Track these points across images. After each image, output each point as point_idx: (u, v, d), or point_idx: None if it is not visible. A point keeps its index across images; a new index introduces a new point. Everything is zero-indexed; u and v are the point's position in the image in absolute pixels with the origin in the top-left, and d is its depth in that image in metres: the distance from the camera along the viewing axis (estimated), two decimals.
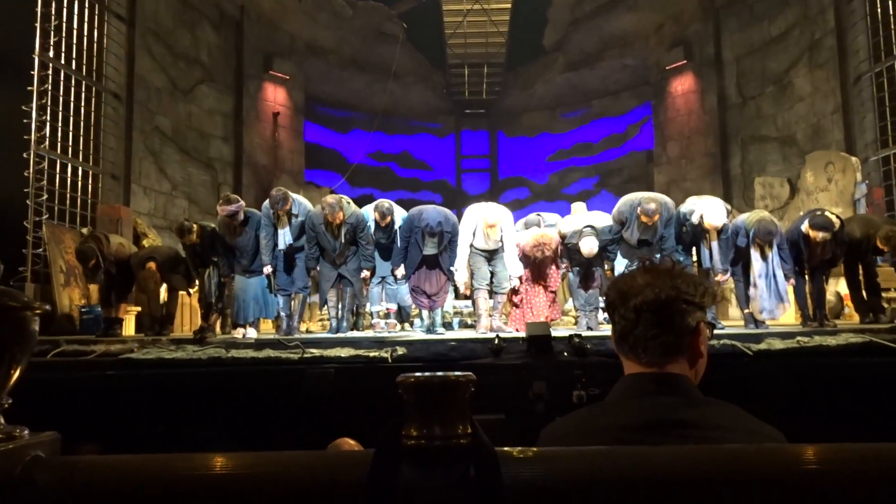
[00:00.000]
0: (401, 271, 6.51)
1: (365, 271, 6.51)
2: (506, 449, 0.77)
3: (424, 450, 0.73)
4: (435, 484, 0.72)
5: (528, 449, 0.79)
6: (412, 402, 0.75)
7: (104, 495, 0.79)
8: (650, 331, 1.31)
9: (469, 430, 0.74)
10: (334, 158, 16.49)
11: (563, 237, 6.60)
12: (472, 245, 6.51)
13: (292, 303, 6.73)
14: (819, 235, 6.08)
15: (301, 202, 6.65)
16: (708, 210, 6.17)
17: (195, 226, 7.07)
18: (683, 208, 6.44)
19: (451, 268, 6.48)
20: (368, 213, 6.75)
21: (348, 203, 6.50)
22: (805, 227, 6.19)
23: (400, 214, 6.78)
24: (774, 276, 6.07)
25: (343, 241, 6.37)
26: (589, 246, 6.30)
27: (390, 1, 15.35)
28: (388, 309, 6.91)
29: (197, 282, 7.30)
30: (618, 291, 1.37)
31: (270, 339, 5.56)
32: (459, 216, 6.75)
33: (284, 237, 6.48)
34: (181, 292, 7.78)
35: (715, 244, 6.20)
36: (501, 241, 6.50)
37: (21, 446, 0.80)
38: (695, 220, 6.24)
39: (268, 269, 6.49)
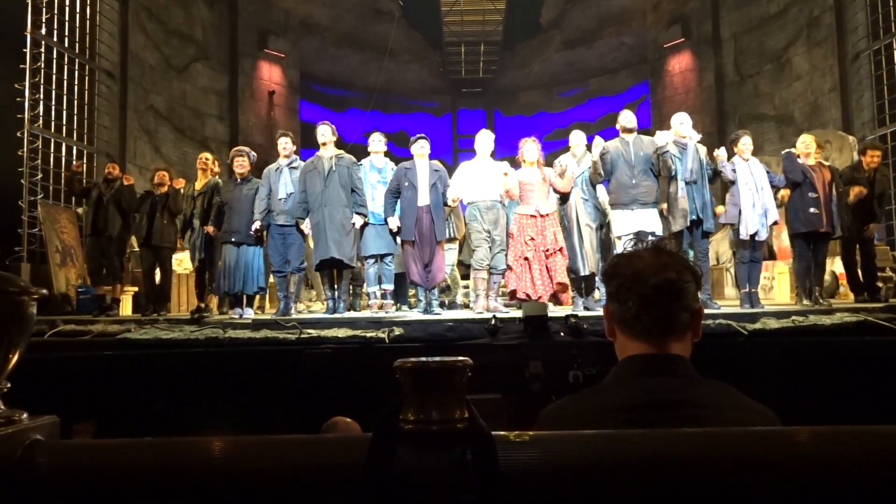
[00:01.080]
0: (394, 222, 6.32)
1: (358, 218, 6.34)
2: (502, 433, 0.78)
3: (421, 434, 0.74)
4: (432, 467, 0.73)
5: (525, 433, 0.80)
6: (409, 386, 0.75)
7: (103, 478, 0.79)
8: (665, 310, 1.30)
9: (466, 415, 0.75)
10: None
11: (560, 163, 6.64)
12: (472, 203, 6.42)
13: (289, 284, 6.71)
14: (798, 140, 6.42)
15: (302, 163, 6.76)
16: (672, 120, 6.49)
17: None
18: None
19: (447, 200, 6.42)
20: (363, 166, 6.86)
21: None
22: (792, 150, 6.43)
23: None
24: (760, 189, 6.15)
25: (334, 168, 6.32)
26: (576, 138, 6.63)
27: None
28: (383, 290, 6.89)
29: (189, 257, 7.31)
30: (633, 271, 1.33)
31: (268, 320, 5.57)
32: None
33: (286, 186, 6.49)
34: (176, 271, 7.80)
35: (690, 145, 6.25)
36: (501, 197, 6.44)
37: (20, 430, 0.80)
38: (665, 139, 6.27)
39: (256, 225, 6.45)
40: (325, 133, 6.50)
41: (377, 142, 6.89)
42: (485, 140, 6.62)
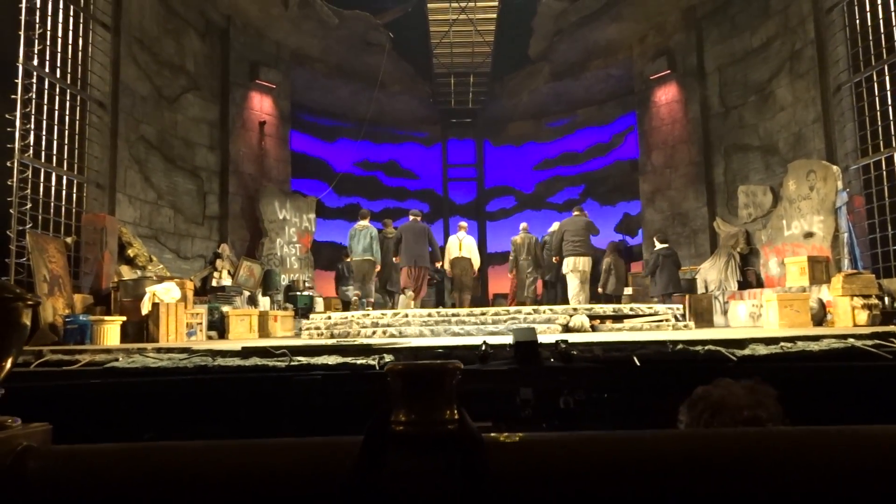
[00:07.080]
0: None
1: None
2: (492, 435, 0.79)
3: (412, 436, 0.75)
4: (422, 469, 0.73)
5: (514, 434, 0.81)
6: (400, 388, 0.76)
7: (95, 485, 0.80)
8: None
9: (456, 417, 0.76)
10: (321, 167, 16.49)
11: None
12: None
13: None
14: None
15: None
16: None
17: None
18: None
19: None
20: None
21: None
22: None
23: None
24: None
25: None
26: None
27: (376, 10, 15.41)
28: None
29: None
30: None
31: (257, 347, 5.54)
32: (446, 225, 7.40)
33: None
34: (163, 300, 7.82)
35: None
36: None
37: (12, 436, 0.80)
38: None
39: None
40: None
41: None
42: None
